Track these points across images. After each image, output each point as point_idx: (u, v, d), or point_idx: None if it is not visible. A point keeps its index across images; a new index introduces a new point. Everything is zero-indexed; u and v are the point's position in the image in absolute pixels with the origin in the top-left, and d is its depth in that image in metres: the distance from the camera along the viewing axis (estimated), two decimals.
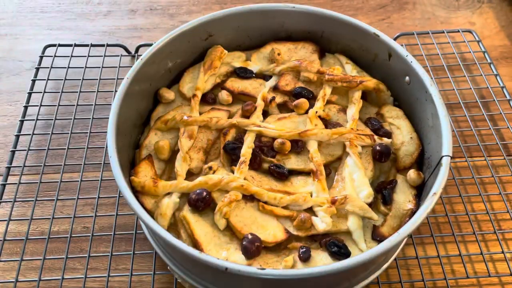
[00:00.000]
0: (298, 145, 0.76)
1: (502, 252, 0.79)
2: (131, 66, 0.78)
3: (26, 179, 0.89)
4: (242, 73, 0.86)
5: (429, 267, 0.79)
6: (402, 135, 0.78)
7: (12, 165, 0.89)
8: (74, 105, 0.98)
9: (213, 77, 0.85)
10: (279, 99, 0.83)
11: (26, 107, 0.97)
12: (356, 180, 0.72)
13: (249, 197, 0.71)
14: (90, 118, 0.95)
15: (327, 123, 0.80)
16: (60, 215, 0.85)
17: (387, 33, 0.88)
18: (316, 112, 0.79)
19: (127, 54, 1.09)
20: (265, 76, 0.87)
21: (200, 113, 0.80)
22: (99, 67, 1.04)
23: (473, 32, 1.13)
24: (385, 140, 0.78)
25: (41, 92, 0.99)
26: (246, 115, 0.80)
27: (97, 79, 1.02)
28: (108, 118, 0.70)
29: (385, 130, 0.79)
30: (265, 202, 0.70)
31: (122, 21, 1.22)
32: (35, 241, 0.82)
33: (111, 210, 0.85)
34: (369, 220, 0.70)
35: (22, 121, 0.95)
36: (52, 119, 0.95)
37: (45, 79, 1.02)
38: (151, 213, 0.69)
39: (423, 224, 0.81)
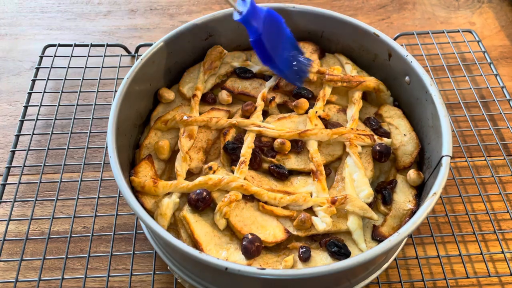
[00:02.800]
0: (298, 145, 0.76)
1: (502, 252, 0.79)
2: (131, 66, 0.78)
3: (26, 179, 0.89)
4: (242, 73, 0.86)
5: (429, 267, 0.79)
6: (401, 134, 0.78)
7: (12, 165, 0.89)
8: (74, 105, 0.98)
9: (213, 77, 0.85)
10: (279, 99, 0.83)
11: (26, 107, 0.97)
12: (356, 180, 0.72)
13: (249, 197, 0.71)
14: (90, 118, 0.95)
15: (327, 123, 0.80)
16: (60, 215, 0.85)
17: (387, 33, 0.88)
18: (316, 112, 0.79)
19: (127, 54, 1.09)
20: (265, 76, 0.87)
21: (200, 113, 0.80)
22: (99, 67, 1.04)
23: (473, 32, 1.13)
24: (385, 140, 0.78)
25: (41, 92, 0.99)
26: (246, 115, 0.80)
27: (97, 79, 1.01)
28: (108, 118, 0.70)
29: (384, 130, 0.79)
30: (265, 202, 0.70)
31: (122, 21, 1.22)
32: (35, 241, 0.82)
33: (111, 210, 0.85)
34: (369, 220, 0.70)
35: (22, 121, 0.95)
36: (52, 119, 0.95)
37: (45, 79, 1.02)
38: (151, 213, 0.69)
39: (423, 224, 0.81)
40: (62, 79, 1.02)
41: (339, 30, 0.87)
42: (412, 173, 0.73)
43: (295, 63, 0.79)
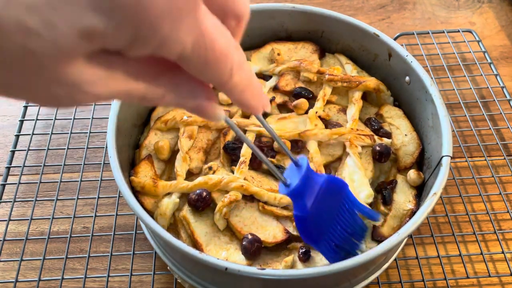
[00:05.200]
0: (298, 145, 0.76)
1: (502, 252, 0.79)
2: None
3: (26, 179, 0.89)
4: None
5: (429, 267, 0.79)
6: (402, 135, 0.78)
7: (12, 165, 0.89)
8: None
9: None
10: (279, 99, 0.83)
11: (26, 107, 0.97)
12: (356, 180, 0.72)
13: (249, 197, 0.71)
14: (90, 118, 0.95)
15: (327, 123, 0.80)
16: (60, 215, 0.85)
17: (387, 33, 0.88)
18: (316, 112, 0.79)
19: None
20: (265, 76, 0.87)
21: None
22: None
23: (473, 32, 1.13)
24: (385, 141, 0.78)
25: None
26: (246, 115, 0.80)
27: None
28: (108, 118, 0.70)
29: (385, 131, 0.79)
30: (265, 202, 0.70)
31: None
32: (35, 241, 0.81)
33: (111, 210, 0.85)
34: (369, 220, 0.70)
35: (22, 121, 0.95)
36: (52, 119, 0.95)
37: None
38: (151, 213, 0.69)
39: (423, 224, 0.81)
40: None
41: (339, 30, 0.87)
42: (412, 173, 0.73)
43: (346, 240, 0.64)
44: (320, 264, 0.65)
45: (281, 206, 0.70)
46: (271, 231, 0.68)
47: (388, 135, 0.79)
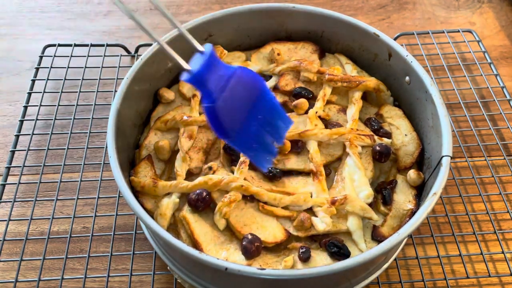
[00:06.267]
0: (298, 145, 0.76)
1: (502, 252, 0.79)
2: (131, 66, 0.78)
3: (25, 179, 0.89)
4: None
5: (429, 267, 0.79)
6: (402, 135, 0.78)
7: (11, 165, 0.89)
8: (74, 105, 0.97)
9: None
10: (279, 99, 0.83)
11: (25, 107, 0.97)
12: (356, 180, 0.72)
13: (249, 198, 0.70)
14: (90, 118, 0.95)
15: (327, 123, 0.80)
16: (60, 215, 0.85)
17: (387, 33, 0.88)
18: (316, 112, 0.79)
19: (127, 54, 1.09)
20: (265, 76, 0.87)
21: (200, 113, 0.80)
22: (99, 67, 1.04)
23: (473, 32, 1.13)
24: (385, 140, 0.78)
25: (41, 92, 0.99)
26: None
27: (97, 79, 1.01)
28: (108, 118, 0.70)
29: (385, 131, 0.79)
30: (265, 203, 0.70)
31: (122, 21, 1.22)
32: (34, 241, 0.81)
33: (111, 210, 0.85)
34: (369, 220, 0.70)
35: (21, 121, 0.95)
36: (52, 119, 0.95)
37: (44, 79, 1.02)
38: (151, 213, 0.69)
39: (423, 224, 0.81)
40: (62, 79, 1.02)
41: (339, 30, 0.87)
42: (412, 173, 0.73)
43: (264, 139, 0.61)
44: (320, 264, 0.65)
45: (281, 206, 0.70)
46: (271, 231, 0.68)
47: (388, 135, 0.79)
